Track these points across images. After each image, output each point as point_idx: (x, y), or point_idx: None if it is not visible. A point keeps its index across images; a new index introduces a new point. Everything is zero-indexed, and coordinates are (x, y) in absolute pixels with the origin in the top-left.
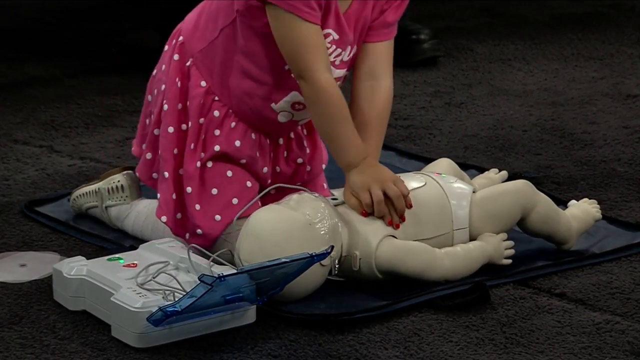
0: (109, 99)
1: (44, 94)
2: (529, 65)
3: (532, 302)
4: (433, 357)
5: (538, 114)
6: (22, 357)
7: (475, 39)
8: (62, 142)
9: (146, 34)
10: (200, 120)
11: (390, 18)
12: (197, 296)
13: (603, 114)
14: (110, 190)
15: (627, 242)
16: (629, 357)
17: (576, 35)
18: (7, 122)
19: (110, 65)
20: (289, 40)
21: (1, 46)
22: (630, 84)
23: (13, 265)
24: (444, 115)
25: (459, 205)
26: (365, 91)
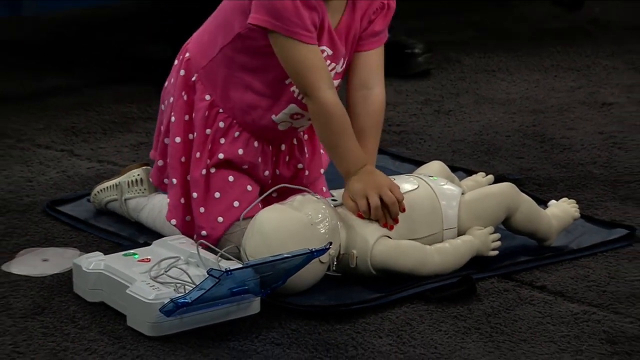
0: (124, 107)
1: (64, 103)
2: (512, 75)
3: (515, 294)
4: (424, 345)
5: (520, 121)
6: (44, 345)
7: (463, 52)
8: (82, 147)
9: (159, 47)
10: (206, 131)
11: (378, 27)
12: (206, 289)
13: (580, 120)
14: (130, 184)
15: (603, 238)
16: (604, 345)
17: (555, 48)
18: (31, 128)
19: (125, 75)
20: (291, 62)
21: (24, 58)
22: (605, 93)
23: (36, 260)
24: (433, 122)
25: (448, 206)
26: (360, 100)
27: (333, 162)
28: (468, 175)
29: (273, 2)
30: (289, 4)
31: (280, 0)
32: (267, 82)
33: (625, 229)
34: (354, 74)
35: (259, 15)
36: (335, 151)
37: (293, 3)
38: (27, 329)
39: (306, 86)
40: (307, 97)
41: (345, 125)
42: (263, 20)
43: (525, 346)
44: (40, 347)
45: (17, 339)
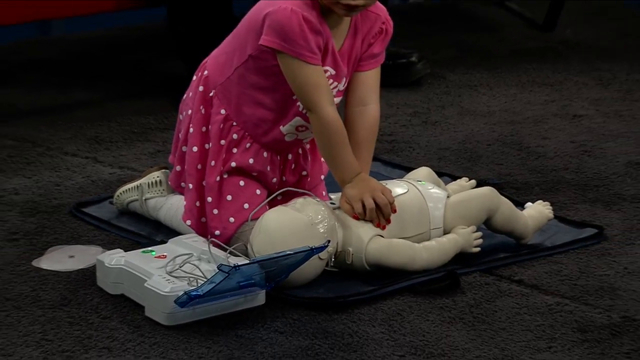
0: (143, 119)
1: (89, 115)
2: (492, 90)
3: (495, 287)
4: (413, 334)
5: (499, 131)
6: (71, 333)
7: (447, 69)
8: (104, 154)
9: (173, 64)
10: (221, 141)
11: (377, 49)
12: (216, 282)
13: (553, 130)
14: (150, 185)
15: (574, 237)
16: (575, 334)
17: (531, 66)
18: (59, 137)
19: (144, 90)
20: (297, 81)
21: (54, 75)
22: (576, 106)
23: (63, 257)
24: (421, 132)
25: (435, 208)
26: (357, 115)
27: (330, 170)
28: (453, 180)
29: (282, 26)
30: (296, 28)
31: (288, 25)
32: (276, 99)
33: (594, 229)
34: (353, 91)
35: (269, 37)
36: (333, 161)
37: (300, 27)
38: (55, 318)
39: (310, 102)
40: (310, 112)
41: (342, 138)
42: (273, 41)
43: (505, 334)
44: (67, 335)
45: (46, 328)
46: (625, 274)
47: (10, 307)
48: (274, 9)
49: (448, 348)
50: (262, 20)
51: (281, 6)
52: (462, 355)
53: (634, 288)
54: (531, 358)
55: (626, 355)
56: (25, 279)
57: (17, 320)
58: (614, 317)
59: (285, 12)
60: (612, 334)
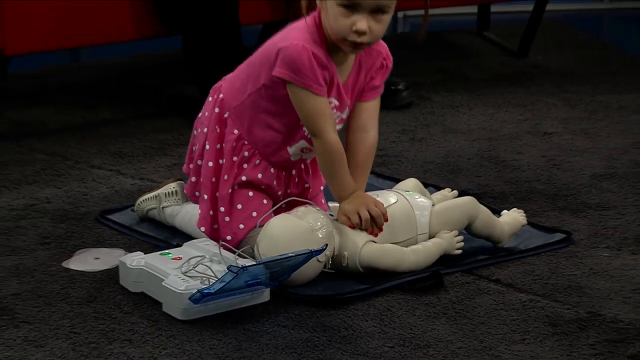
0: (161, 136)
1: (113, 132)
2: (472, 110)
3: (475, 286)
4: (401, 327)
5: (478, 147)
6: (96, 327)
7: (432, 91)
8: (127, 167)
9: (188, 88)
10: (233, 158)
11: (378, 82)
12: (226, 281)
13: (527, 146)
14: (167, 195)
15: (545, 241)
16: (547, 327)
17: (506, 89)
18: (87, 152)
19: (162, 110)
20: (304, 109)
21: (82, 96)
22: (546, 124)
23: (89, 259)
24: (409, 147)
25: (421, 215)
26: (357, 141)
27: (329, 188)
28: (437, 190)
29: (294, 60)
30: (306, 62)
31: (299, 59)
32: (284, 123)
33: (563, 234)
34: (354, 119)
35: (281, 69)
36: (333, 181)
37: (309, 62)
38: (82, 314)
39: (315, 129)
40: (314, 137)
41: (342, 161)
42: (285, 73)
43: (483, 328)
44: (93, 328)
45: (74, 322)
46: (590, 274)
47: (42, 304)
48: (286, 44)
49: (433, 340)
50: (275, 54)
51: (293, 42)
52: (446, 346)
53: (598, 287)
54: (507, 349)
55: (592, 347)
56: (55, 279)
57: (49, 315)
58: (581, 313)
59: (297, 47)
60: (579, 327)
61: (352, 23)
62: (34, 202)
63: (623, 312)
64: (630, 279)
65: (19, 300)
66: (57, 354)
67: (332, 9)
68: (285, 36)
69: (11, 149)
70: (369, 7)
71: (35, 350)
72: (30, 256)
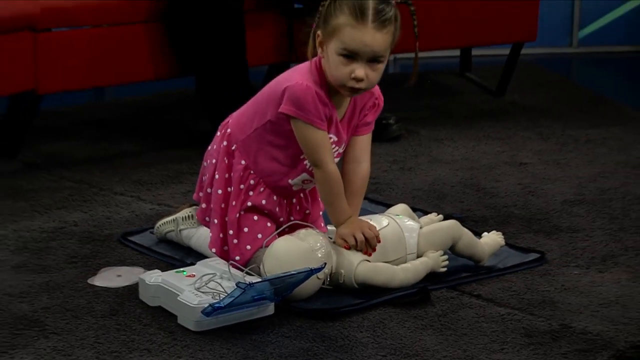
0: (176, 165)
1: (133, 162)
2: (455, 143)
3: (459, 301)
4: (392, 338)
5: (461, 175)
6: (118, 338)
7: (420, 126)
8: (146, 194)
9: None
10: (240, 186)
11: (370, 119)
12: (235, 296)
13: (504, 175)
14: (183, 219)
15: (521, 260)
16: (523, 338)
17: (486, 124)
18: (110, 180)
19: (177, 142)
20: (307, 141)
21: (106, 130)
22: (522, 155)
23: (112, 276)
24: (399, 176)
25: (410, 237)
26: (352, 171)
27: (328, 213)
28: (424, 214)
29: (298, 98)
30: (310, 100)
31: (304, 97)
32: (287, 156)
33: (537, 253)
34: (349, 152)
35: (287, 106)
36: (331, 207)
37: (313, 99)
38: (105, 325)
39: (316, 160)
40: (315, 168)
41: (340, 190)
42: (290, 110)
43: (466, 338)
44: (115, 339)
45: (98, 333)
46: (562, 290)
47: (70, 317)
48: (292, 84)
49: (421, 349)
50: (282, 92)
51: (298, 82)
52: (432, 355)
53: (569, 301)
54: (487, 358)
55: (564, 356)
56: (82, 294)
57: (75, 327)
58: (553, 325)
59: (302, 87)
60: (552, 338)
61: (351, 71)
62: (63, 225)
63: (592, 324)
64: (598, 295)
65: (48, 313)
66: None
67: (333, 57)
68: (290, 77)
69: (43, 178)
70: (366, 57)
71: (63, 359)
72: (59, 274)
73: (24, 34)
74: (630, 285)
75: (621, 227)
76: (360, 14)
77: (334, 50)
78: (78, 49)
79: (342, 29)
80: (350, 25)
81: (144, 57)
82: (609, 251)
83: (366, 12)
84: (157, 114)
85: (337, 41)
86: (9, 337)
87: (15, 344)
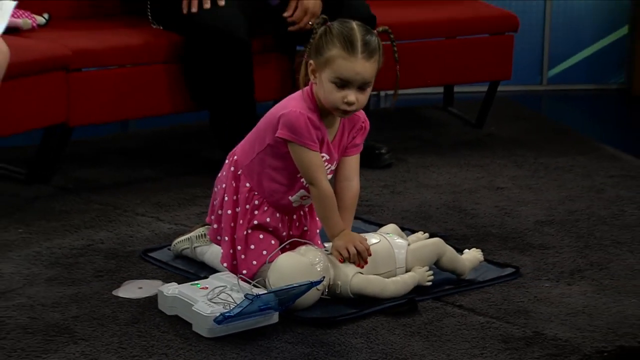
0: (191, 189)
1: (153, 187)
2: (440, 169)
3: (443, 310)
4: (384, 343)
5: (445, 198)
6: (139, 343)
7: (408, 154)
8: (165, 215)
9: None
10: (246, 206)
11: (358, 141)
12: (243, 307)
13: (483, 198)
14: (197, 237)
15: (498, 274)
16: (500, 344)
17: (467, 153)
18: (132, 202)
19: (192, 169)
20: (302, 162)
21: (129, 158)
22: (499, 181)
23: (134, 288)
24: (389, 199)
25: (399, 253)
26: (343, 188)
27: (323, 227)
28: (412, 232)
29: (292, 124)
30: (303, 125)
31: (297, 123)
32: (286, 176)
33: (513, 268)
34: (340, 171)
35: (283, 131)
36: (326, 221)
37: (306, 124)
38: (128, 332)
39: (311, 178)
40: (311, 185)
41: (333, 205)
42: (286, 134)
43: (450, 344)
44: (136, 344)
45: (122, 339)
46: (535, 301)
47: (96, 325)
48: (287, 111)
49: (409, 354)
50: (277, 119)
51: (292, 109)
52: (420, 359)
53: (541, 311)
54: None
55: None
56: (107, 304)
57: (101, 333)
58: (527, 332)
59: (295, 114)
60: (526, 344)
61: (344, 96)
62: (91, 242)
63: (561, 331)
64: (567, 305)
65: (77, 321)
66: None
67: (327, 84)
68: (285, 105)
69: (73, 200)
70: (357, 84)
71: None
72: (87, 286)
73: (58, 74)
74: (595, 297)
75: (587, 245)
76: (351, 46)
77: (328, 79)
78: (105, 86)
79: (335, 61)
80: (342, 57)
81: (163, 93)
82: (576, 266)
83: (355, 44)
84: (174, 144)
85: (330, 71)
86: (42, 342)
87: (47, 348)
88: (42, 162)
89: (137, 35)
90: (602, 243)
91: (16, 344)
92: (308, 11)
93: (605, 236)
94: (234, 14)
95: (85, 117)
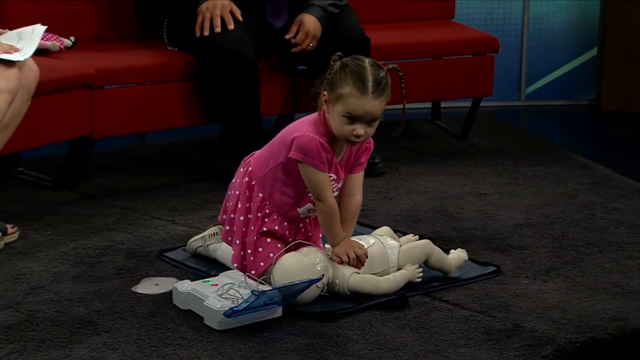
0: (203, 195)
1: (169, 193)
2: (428, 177)
3: (431, 305)
4: (378, 335)
5: (433, 203)
6: (156, 335)
7: (399, 163)
8: (179, 218)
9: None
10: (258, 214)
11: (363, 159)
12: (250, 302)
13: (467, 203)
14: (210, 235)
15: (481, 272)
16: (483, 335)
17: (452, 162)
18: (150, 207)
19: (204, 177)
20: (312, 181)
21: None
22: (482, 187)
23: (151, 285)
24: (382, 204)
25: (392, 253)
26: (347, 202)
27: (326, 237)
28: (403, 235)
29: (304, 146)
30: (314, 148)
31: (309, 146)
32: (296, 191)
33: (494, 267)
34: (345, 186)
35: (295, 153)
36: (329, 232)
37: (317, 148)
38: (145, 325)
39: (319, 195)
40: (318, 201)
41: (337, 218)
42: (298, 155)
43: (437, 336)
44: (153, 335)
45: (140, 331)
46: (514, 296)
47: (117, 318)
48: (300, 134)
49: (400, 345)
50: (291, 141)
51: (305, 133)
52: (410, 349)
53: (520, 305)
54: (454, 352)
55: (516, 350)
56: (127, 299)
57: (121, 326)
58: (508, 325)
59: (308, 137)
60: (506, 335)
61: (353, 129)
62: (112, 243)
63: (538, 324)
64: (543, 300)
65: (100, 315)
66: (127, 355)
67: (338, 117)
68: (299, 127)
69: (96, 205)
70: (366, 120)
71: (112, 352)
72: (108, 283)
73: (83, 91)
74: (568, 293)
75: (561, 246)
76: (362, 86)
77: (339, 112)
78: (125, 102)
79: (347, 98)
80: (354, 96)
81: (178, 108)
82: (551, 265)
83: (367, 84)
84: (188, 154)
85: (342, 106)
86: (68, 334)
87: (73, 339)
88: (68, 171)
89: (154, 56)
90: (575, 244)
91: (45, 335)
92: (309, 34)
93: (577, 237)
94: (242, 37)
95: (107, 129)
